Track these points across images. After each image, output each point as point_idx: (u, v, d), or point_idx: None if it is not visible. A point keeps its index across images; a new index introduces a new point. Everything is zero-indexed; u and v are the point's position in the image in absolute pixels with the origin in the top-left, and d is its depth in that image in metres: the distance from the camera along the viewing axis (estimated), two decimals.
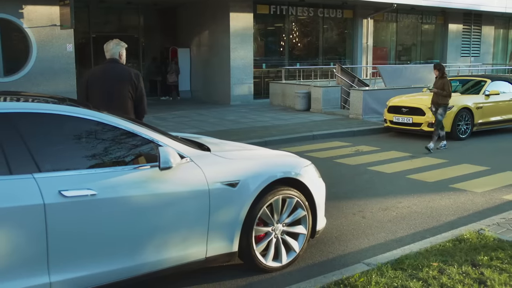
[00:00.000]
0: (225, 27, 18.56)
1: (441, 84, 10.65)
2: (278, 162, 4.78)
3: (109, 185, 3.61)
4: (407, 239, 5.42)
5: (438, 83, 10.74)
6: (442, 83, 10.65)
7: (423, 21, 24.97)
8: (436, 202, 6.84)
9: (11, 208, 3.22)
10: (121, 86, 5.55)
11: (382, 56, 23.71)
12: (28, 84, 14.87)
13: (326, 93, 16.45)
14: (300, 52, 21.55)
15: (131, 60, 20.77)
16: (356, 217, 6.20)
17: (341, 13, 21.95)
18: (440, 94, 10.66)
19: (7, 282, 3.23)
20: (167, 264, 3.93)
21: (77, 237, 3.49)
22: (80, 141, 3.78)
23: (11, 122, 3.44)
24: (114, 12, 20.97)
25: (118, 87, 5.55)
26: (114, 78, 5.60)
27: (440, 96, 10.67)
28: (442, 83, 10.65)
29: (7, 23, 14.86)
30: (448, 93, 10.63)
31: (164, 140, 3.99)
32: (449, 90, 10.63)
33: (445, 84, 10.62)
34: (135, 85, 5.59)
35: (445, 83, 10.62)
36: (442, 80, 10.70)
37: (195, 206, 3.99)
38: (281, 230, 4.60)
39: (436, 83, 10.81)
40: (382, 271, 4.27)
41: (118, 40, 5.80)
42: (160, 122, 13.74)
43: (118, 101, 5.48)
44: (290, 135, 12.05)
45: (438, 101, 10.77)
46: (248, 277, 4.45)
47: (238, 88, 18.87)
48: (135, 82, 5.59)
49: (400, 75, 17.25)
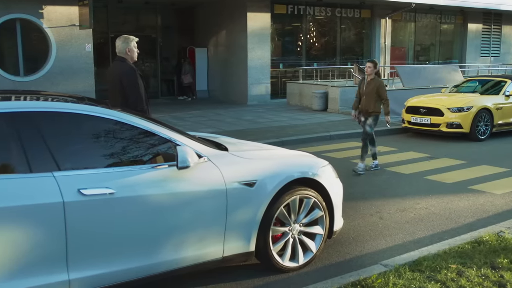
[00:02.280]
0: (243, 27, 18.58)
1: (374, 87, 8.50)
2: (295, 162, 4.77)
3: (127, 184, 3.63)
4: (425, 241, 5.37)
5: (371, 85, 8.54)
6: (375, 85, 8.51)
7: (442, 21, 24.73)
8: (454, 203, 6.77)
9: (31, 206, 3.26)
10: (116, 84, 5.66)
11: (400, 56, 23.54)
12: (47, 83, 15.02)
13: (343, 93, 16.38)
14: (317, 52, 21.48)
15: (149, 60, 20.91)
16: (374, 218, 6.16)
17: (359, 13, 21.85)
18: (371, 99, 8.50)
19: (28, 278, 3.27)
20: (184, 263, 3.94)
21: (96, 235, 3.52)
22: (98, 140, 3.81)
23: (32, 121, 3.48)
24: (132, 12, 21.09)
25: (115, 85, 5.68)
26: (112, 77, 5.75)
27: (372, 102, 8.52)
28: (376, 85, 8.51)
29: (28, 23, 15.03)
30: (384, 98, 8.49)
31: (182, 140, 4.00)
32: (384, 93, 8.48)
33: (379, 87, 8.49)
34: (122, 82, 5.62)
35: (380, 86, 8.51)
36: (375, 81, 8.58)
37: (213, 206, 4.00)
38: (298, 230, 4.60)
39: (369, 85, 8.57)
40: (400, 272, 4.24)
41: (125, 36, 5.86)
42: (177, 121, 13.80)
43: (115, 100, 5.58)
44: (307, 135, 12.02)
45: (369, 109, 8.60)
46: (264, 277, 4.45)
47: (255, 88, 18.88)
48: (124, 78, 5.62)
49: (418, 75, 17.11)
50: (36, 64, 15.44)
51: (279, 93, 19.69)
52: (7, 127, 3.41)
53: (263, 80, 18.97)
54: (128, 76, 5.60)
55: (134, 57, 5.86)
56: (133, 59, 5.84)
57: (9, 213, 3.20)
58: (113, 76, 5.73)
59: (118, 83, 5.61)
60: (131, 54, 5.82)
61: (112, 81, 5.72)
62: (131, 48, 5.81)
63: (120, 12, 20.42)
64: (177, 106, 18.24)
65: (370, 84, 8.53)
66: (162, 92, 21.46)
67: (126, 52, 5.79)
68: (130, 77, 5.60)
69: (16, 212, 3.22)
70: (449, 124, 11.64)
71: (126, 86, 5.57)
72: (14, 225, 3.22)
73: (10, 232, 3.21)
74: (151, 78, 21.08)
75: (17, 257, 3.24)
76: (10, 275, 3.22)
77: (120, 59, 5.78)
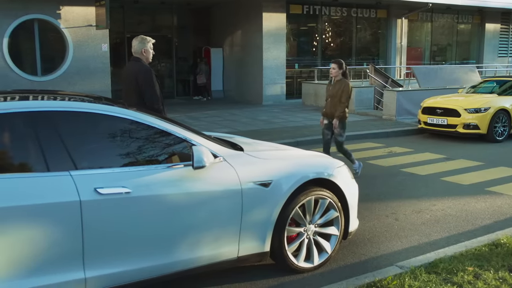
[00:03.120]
0: (258, 27, 18.58)
1: (340, 89, 7.80)
2: (311, 162, 4.76)
3: (143, 183, 3.65)
4: (441, 243, 5.33)
5: (336, 86, 7.87)
6: (341, 87, 7.81)
7: (459, 21, 24.52)
8: (471, 205, 6.71)
9: (48, 204, 3.29)
10: (130, 84, 5.71)
11: (416, 57, 23.38)
12: (64, 83, 15.15)
13: (359, 94, 16.32)
14: (333, 52, 21.41)
15: (164, 60, 20.99)
16: (389, 219, 6.13)
17: (375, 13, 21.74)
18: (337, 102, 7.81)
19: (45, 276, 3.31)
20: (199, 262, 3.95)
21: (112, 234, 3.54)
22: (115, 139, 3.84)
23: (49, 120, 3.52)
24: (148, 12, 21.20)
25: (130, 84, 5.72)
26: (127, 76, 5.79)
27: (338, 104, 7.83)
28: (341, 87, 7.81)
29: (45, 23, 15.18)
30: (343, 101, 7.76)
31: (198, 139, 4.01)
32: (346, 97, 7.76)
33: (344, 90, 7.77)
34: (137, 81, 5.66)
35: (345, 88, 7.78)
36: (341, 82, 7.87)
37: (228, 206, 4.01)
38: (313, 230, 4.58)
39: (334, 87, 7.91)
40: (416, 274, 4.22)
41: (142, 37, 5.91)
42: (192, 121, 13.84)
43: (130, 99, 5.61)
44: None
45: (334, 113, 7.88)
46: (279, 277, 4.45)
47: (270, 88, 18.87)
48: (140, 77, 5.66)
49: (435, 76, 16.98)
50: (53, 64, 15.59)
51: (294, 93, 19.67)
52: (25, 126, 3.45)
53: (278, 80, 18.95)
54: (144, 74, 5.64)
55: (149, 58, 5.90)
56: (148, 60, 5.88)
57: (27, 212, 3.23)
58: (129, 75, 5.78)
59: (134, 82, 5.64)
60: (146, 55, 5.86)
61: (127, 80, 5.77)
62: (147, 49, 5.85)
63: (136, 12, 20.55)
64: (193, 106, 18.30)
65: (336, 86, 7.88)
66: (178, 92, 21.55)
67: (141, 52, 5.83)
68: (146, 75, 5.64)
69: (34, 211, 3.25)
70: (466, 125, 11.54)
71: (142, 84, 5.61)
72: (32, 224, 3.25)
73: (28, 231, 3.24)
74: (167, 78, 21.18)
75: (35, 255, 3.27)
76: (28, 273, 3.26)
77: (136, 59, 5.83)
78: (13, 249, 3.21)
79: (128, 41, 19.29)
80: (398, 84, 17.82)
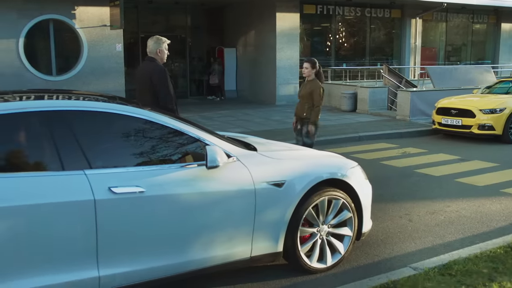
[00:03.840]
0: (272, 27, 18.57)
1: (309, 90, 7.39)
2: (324, 163, 4.75)
3: (157, 182, 3.66)
4: (455, 244, 5.29)
5: (307, 87, 7.45)
6: (311, 88, 7.39)
7: (474, 21, 24.32)
8: (486, 207, 6.65)
9: (63, 203, 3.32)
10: (145, 83, 5.73)
11: (431, 57, 23.23)
12: (78, 83, 15.26)
13: (372, 94, 16.25)
14: (346, 52, 21.35)
15: (178, 60, 21.06)
16: (403, 220, 6.10)
17: (389, 13, 21.64)
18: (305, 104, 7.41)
19: (60, 274, 3.33)
20: (212, 262, 3.96)
21: (126, 233, 3.56)
22: (129, 138, 3.86)
23: (64, 120, 3.54)
24: (162, 12, 21.29)
25: (144, 84, 5.75)
26: (141, 76, 5.82)
27: (306, 106, 7.40)
28: (311, 88, 7.38)
29: (60, 23, 15.30)
30: (316, 104, 7.33)
31: (211, 139, 4.02)
32: (318, 98, 7.30)
33: (314, 91, 7.31)
34: (151, 81, 5.69)
35: (315, 88, 7.33)
36: (312, 82, 7.44)
37: (241, 206, 4.01)
38: (326, 231, 4.57)
39: (305, 87, 7.51)
40: (429, 276, 4.19)
41: (157, 37, 5.95)
42: (206, 121, 13.87)
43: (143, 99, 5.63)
44: (336, 136, 11.95)
45: (301, 115, 7.49)
46: (292, 278, 4.44)
47: (284, 88, 18.85)
48: (154, 76, 5.68)
49: (449, 76, 16.86)
50: (68, 64, 15.71)
51: None
52: (40, 125, 3.48)
53: (291, 80, 18.93)
54: (159, 74, 5.67)
55: (164, 59, 5.93)
56: (162, 60, 5.91)
57: (42, 210, 3.26)
58: (143, 75, 5.81)
59: (148, 81, 5.67)
60: (161, 55, 5.89)
61: (142, 80, 5.80)
62: (161, 50, 5.88)
63: (150, 12, 20.64)
64: (206, 106, 18.34)
65: (306, 87, 7.46)
66: (191, 92, 21.61)
67: (156, 52, 5.86)
68: (160, 75, 5.67)
69: (48, 209, 3.28)
70: (481, 126, 11.44)
71: (156, 84, 5.64)
72: (47, 222, 3.28)
73: (43, 229, 3.27)
74: (181, 78, 21.25)
75: (50, 253, 3.30)
76: (44, 270, 3.28)
77: (150, 59, 5.87)
78: (29, 247, 3.24)
79: (142, 41, 19.41)
80: (412, 84, 17.71)
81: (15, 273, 3.20)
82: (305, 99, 7.47)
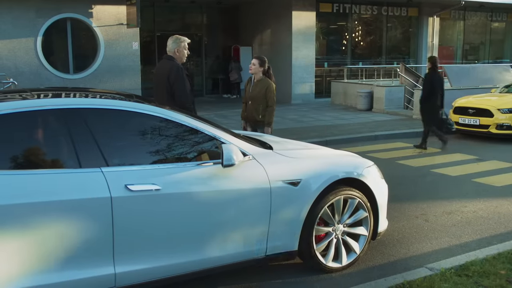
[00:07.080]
0: (288, 25, 18.55)
1: (262, 90, 6.93)
2: (340, 162, 4.73)
3: (173, 180, 3.68)
4: (472, 245, 5.24)
5: (258, 87, 6.96)
6: (263, 87, 6.93)
7: (493, 19, 24.05)
8: (504, 207, 6.57)
9: (80, 200, 3.34)
10: (162, 82, 5.75)
11: (448, 56, 23.03)
12: (95, 81, 15.38)
13: (389, 93, 16.15)
14: (362, 51, 21.24)
15: (194, 58, 21.12)
16: (419, 220, 6.05)
17: (406, 11, 21.49)
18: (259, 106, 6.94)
19: (76, 270, 3.36)
20: (227, 260, 3.96)
21: (141, 230, 3.58)
22: (145, 136, 3.88)
23: (81, 117, 3.57)
24: (178, 11, 21.36)
25: (160, 83, 5.76)
26: (159, 74, 5.84)
27: (261, 108, 6.95)
28: (264, 87, 6.93)
29: (78, 22, 15.43)
30: (270, 104, 6.92)
31: (227, 138, 4.03)
32: (272, 98, 6.91)
33: (268, 89, 6.91)
34: (168, 80, 5.70)
35: (269, 88, 6.92)
36: (262, 82, 6.98)
37: (257, 204, 4.01)
38: (341, 230, 4.55)
39: (256, 87, 7.00)
40: (446, 276, 4.16)
41: (177, 36, 5.96)
42: (222, 119, 13.90)
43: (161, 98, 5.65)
44: (351, 135, 11.91)
45: (256, 117, 6.99)
46: (307, 277, 4.43)
47: (299, 86, 18.82)
48: (171, 75, 5.69)
49: (467, 75, 16.69)
50: (85, 62, 15.84)
51: (323, 92, 19.58)
52: (58, 123, 3.51)
53: (307, 79, 18.89)
54: (176, 72, 5.69)
55: (183, 59, 5.94)
56: (181, 60, 5.92)
57: (59, 207, 3.28)
58: (160, 73, 5.83)
59: (165, 80, 5.69)
60: (179, 55, 5.90)
61: (159, 78, 5.82)
62: (180, 49, 5.90)
63: (166, 11, 20.73)
64: (222, 104, 18.37)
65: (257, 87, 6.98)
66: (207, 90, 21.66)
67: (174, 52, 5.88)
68: (177, 73, 5.69)
69: (65, 206, 3.30)
70: (499, 126, 11.31)
71: (173, 82, 5.65)
72: (64, 219, 3.31)
73: (60, 226, 3.30)
74: (196, 76, 21.30)
75: (67, 249, 3.32)
76: (61, 267, 3.31)
77: (168, 58, 5.88)
78: (46, 244, 3.26)
79: (158, 40, 19.52)
80: None
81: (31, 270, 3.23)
82: (257, 100, 6.99)
